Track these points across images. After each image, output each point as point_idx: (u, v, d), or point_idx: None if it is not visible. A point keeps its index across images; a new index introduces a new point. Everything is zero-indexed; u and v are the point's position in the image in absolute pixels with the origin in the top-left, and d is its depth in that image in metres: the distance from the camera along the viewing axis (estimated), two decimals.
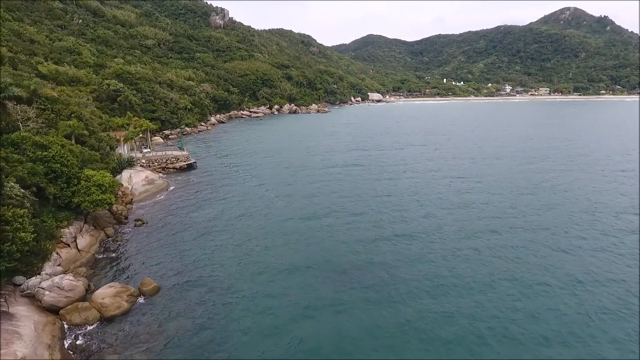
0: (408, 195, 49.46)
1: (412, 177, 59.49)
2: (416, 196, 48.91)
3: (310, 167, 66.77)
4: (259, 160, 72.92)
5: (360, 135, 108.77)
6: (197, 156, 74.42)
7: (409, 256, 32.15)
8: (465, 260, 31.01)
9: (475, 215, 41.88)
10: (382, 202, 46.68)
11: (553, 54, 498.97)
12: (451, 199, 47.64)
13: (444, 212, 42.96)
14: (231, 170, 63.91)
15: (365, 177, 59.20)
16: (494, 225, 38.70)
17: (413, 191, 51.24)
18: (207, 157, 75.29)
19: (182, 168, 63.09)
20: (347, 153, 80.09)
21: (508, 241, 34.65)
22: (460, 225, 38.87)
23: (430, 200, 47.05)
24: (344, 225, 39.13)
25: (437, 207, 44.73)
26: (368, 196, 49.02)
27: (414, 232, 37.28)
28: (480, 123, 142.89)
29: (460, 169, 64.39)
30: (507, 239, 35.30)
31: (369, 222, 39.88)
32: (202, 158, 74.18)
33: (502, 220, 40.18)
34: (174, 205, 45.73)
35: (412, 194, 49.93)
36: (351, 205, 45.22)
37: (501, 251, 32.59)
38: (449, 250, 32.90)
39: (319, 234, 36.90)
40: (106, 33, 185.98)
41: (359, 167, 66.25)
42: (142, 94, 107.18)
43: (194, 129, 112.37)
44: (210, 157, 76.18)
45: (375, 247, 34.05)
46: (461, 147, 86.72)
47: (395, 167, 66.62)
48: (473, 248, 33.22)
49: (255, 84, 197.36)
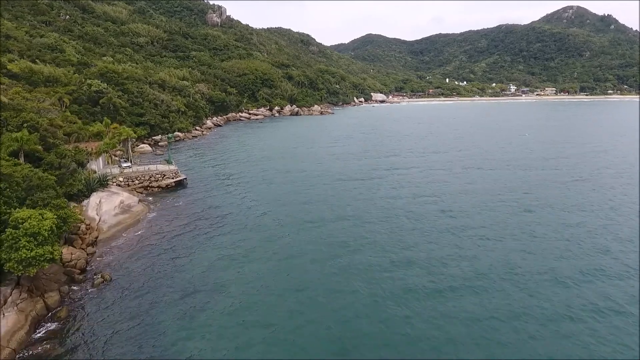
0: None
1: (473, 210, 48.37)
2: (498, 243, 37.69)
3: (327, 189, 55.58)
4: (262, 175, 61.72)
5: (380, 146, 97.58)
6: (188, 169, 63.18)
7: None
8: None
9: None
10: (435, 248, 35.65)
11: (557, 53, 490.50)
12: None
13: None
14: (228, 190, 52.70)
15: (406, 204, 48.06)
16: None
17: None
18: (200, 170, 64.00)
19: (169, 187, 51.83)
20: (372, 171, 68.96)
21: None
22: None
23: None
24: (388, 282, 28.12)
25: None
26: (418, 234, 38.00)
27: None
28: (510, 133, 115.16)
29: (525, 193, 53.42)
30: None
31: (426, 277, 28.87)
32: (194, 171, 62.93)
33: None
34: (153, 245, 34.48)
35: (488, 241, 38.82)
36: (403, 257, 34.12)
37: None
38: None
39: (356, 307, 25.74)
40: (95, 30, 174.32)
41: (392, 192, 55.13)
42: (129, 95, 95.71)
43: (187, 134, 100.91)
44: (204, 169, 64.87)
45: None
46: (508, 165, 68.88)
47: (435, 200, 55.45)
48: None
49: (255, 84, 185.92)
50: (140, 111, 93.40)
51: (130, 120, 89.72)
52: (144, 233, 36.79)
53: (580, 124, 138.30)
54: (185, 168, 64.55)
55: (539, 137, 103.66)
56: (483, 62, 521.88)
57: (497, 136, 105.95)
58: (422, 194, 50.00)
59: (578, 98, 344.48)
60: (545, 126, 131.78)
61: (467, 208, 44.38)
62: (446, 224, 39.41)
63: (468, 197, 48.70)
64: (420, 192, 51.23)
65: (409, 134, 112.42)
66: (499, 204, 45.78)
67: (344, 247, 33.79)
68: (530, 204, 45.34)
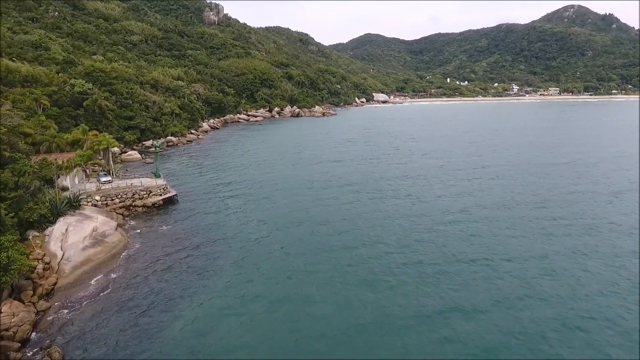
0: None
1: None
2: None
3: (338, 205, 47.71)
4: (263, 187, 53.81)
5: (388, 150, 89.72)
6: (180, 182, 55.16)
7: None
8: None
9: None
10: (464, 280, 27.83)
11: (558, 52, 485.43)
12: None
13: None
14: (226, 207, 44.77)
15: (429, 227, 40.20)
16: None
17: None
18: (193, 182, 55.96)
19: (156, 205, 43.80)
20: (383, 181, 61.09)
21: None
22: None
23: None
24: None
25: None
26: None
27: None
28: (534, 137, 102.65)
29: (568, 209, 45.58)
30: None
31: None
32: (186, 183, 54.91)
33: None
34: (129, 297, 26.39)
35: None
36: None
37: None
38: None
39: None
40: (86, 27, 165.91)
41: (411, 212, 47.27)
42: (118, 96, 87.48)
43: (181, 139, 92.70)
44: (198, 181, 56.83)
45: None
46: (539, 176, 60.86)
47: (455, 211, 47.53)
48: None
49: (254, 84, 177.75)
50: (130, 114, 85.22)
51: (118, 124, 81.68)
52: (118, 277, 28.62)
53: (609, 127, 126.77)
54: (177, 180, 56.57)
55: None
56: (484, 62, 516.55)
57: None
58: (451, 210, 42.26)
59: (583, 98, 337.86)
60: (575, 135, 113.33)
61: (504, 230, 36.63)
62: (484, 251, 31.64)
63: (503, 214, 40.96)
64: (447, 206, 43.47)
65: (423, 138, 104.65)
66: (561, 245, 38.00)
67: (374, 293, 26.01)
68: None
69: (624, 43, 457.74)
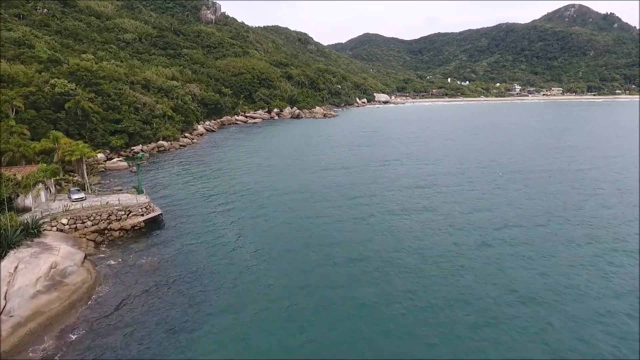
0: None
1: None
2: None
3: (344, 219, 41.05)
4: (262, 204, 47.04)
5: (406, 160, 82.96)
6: (167, 196, 48.24)
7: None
8: None
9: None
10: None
11: (560, 52, 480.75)
12: None
13: None
14: (219, 229, 38.04)
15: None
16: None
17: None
18: (183, 196, 49.04)
19: (137, 228, 36.92)
20: (398, 191, 54.42)
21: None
22: None
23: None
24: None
25: None
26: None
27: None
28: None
29: None
30: None
31: None
32: (175, 197, 48.02)
33: None
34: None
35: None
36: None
37: None
38: None
39: None
40: (76, 25, 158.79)
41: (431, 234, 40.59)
42: (104, 97, 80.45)
43: (173, 143, 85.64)
44: (188, 194, 49.91)
45: None
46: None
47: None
48: None
49: (252, 84, 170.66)
50: (117, 117, 78.15)
51: (104, 128, 74.66)
52: (76, 340, 21.57)
53: (629, 128, 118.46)
54: (165, 192, 49.68)
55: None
56: (484, 62, 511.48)
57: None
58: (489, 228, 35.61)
59: (587, 98, 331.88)
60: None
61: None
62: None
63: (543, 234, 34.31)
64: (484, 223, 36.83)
65: (435, 142, 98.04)
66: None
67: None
68: None
69: (626, 43, 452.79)
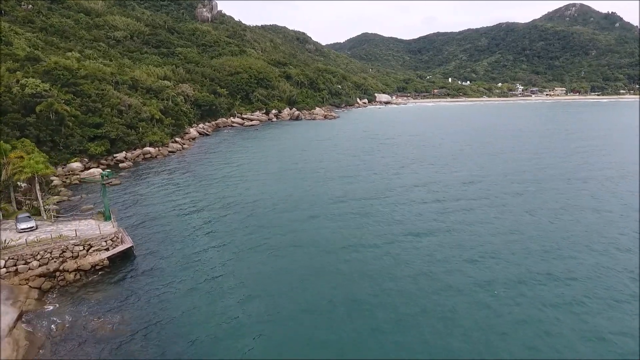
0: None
1: None
2: None
3: (351, 249, 33.36)
4: (255, 222, 39.35)
5: (422, 170, 75.16)
6: (143, 219, 40.29)
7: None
8: None
9: None
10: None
11: (561, 51, 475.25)
12: None
13: None
14: (202, 264, 30.28)
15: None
16: None
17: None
18: (163, 218, 41.09)
19: (99, 267, 29.03)
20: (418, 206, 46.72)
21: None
22: None
23: None
24: None
25: None
26: None
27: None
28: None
29: None
30: None
31: None
32: (153, 220, 40.08)
33: None
34: None
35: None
36: None
37: None
38: None
39: None
40: (63, 22, 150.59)
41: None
42: (84, 99, 72.43)
43: (161, 150, 77.53)
44: (172, 214, 42.03)
45: None
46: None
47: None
48: None
49: (249, 84, 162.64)
50: (98, 120, 70.09)
51: (82, 134, 66.64)
52: None
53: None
54: (141, 214, 41.73)
55: None
56: (485, 61, 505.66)
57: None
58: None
59: (592, 98, 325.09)
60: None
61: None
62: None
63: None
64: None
65: (447, 147, 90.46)
66: None
67: None
68: None
69: (628, 42, 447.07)
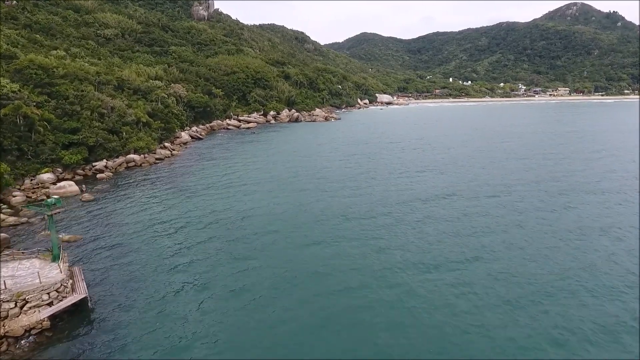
0: None
1: None
2: None
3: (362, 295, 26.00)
4: (245, 254, 31.93)
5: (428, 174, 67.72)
6: (110, 249, 32.75)
7: None
8: None
9: None
10: None
11: (563, 51, 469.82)
12: None
13: None
14: (176, 319, 22.81)
15: None
16: None
17: None
18: (134, 247, 33.56)
19: (36, 331, 21.56)
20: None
21: None
22: None
23: None
24: None
25: None
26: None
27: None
28: None
29: None
30: None
31: None
32: (120, 252, 32.61)
33: None
34: None
35: None
36: None
37: None
38: None
39: None
40: (50, 19, 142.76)
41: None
42: (60, 101, 64.84)
43: (147, 157, 69.76)
44: (145, 244, 34.45)
45: None
46: None
47: None
48: None
49: (246, 84, 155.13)
50: (74, 125, 62.46)
51: (55, 140, 58.98)
52: None
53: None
54: (109, 243, 34.14)
55: None
56: (485, 61, 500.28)
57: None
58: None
59: (597, 99, 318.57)
60: None
61: None
62: None
63: None
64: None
65: (462, 154, 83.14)
66: None
67: None
68: None
69: (631, 41, 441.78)
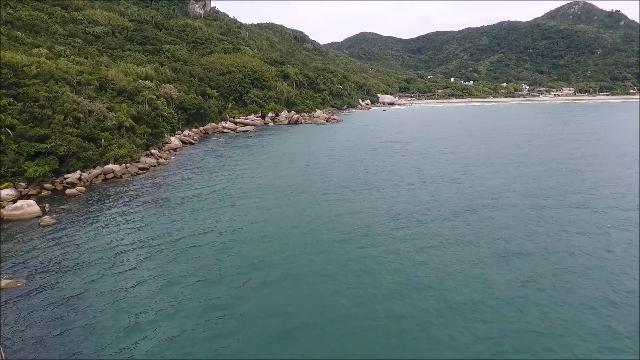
0: None
1: None
2: None
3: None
4: (232, 294, 24.06)
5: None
6: (59, 297, 24.94)
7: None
8: None
9: None
10: None
11: (565, 50, 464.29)
12: None
13: None
14: None
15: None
16: None
17: None
18: (90, 291, 25.88)
19: None
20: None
21: None
22: None
23: None
24: None
25: None
26: None
27: None
28: None
29: None
30: None
31: None
32: (71, 299, 24.91)
33: None
34: None
35: None
36: None
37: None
38: None
39: None
40: (34, 15, 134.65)
41: None
42: (28, 104, 56.91)
43: (129, 167, 61.72)
44: (106, 286, 26.73)
45: None
46: None
47: None
48: None
49: (242, 84, 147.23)
50: (43, 132, 54.46)
51: (19, 149, 50.94)
52: None
53: None
54: (59, 289, 26.23)
55: None
56: (487, 61, 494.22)
57: None
58: None
59: (603, 99, 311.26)
60: None
61: None
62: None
63: None
64: None
65: (480, 163, 75.38)
66: None
67: None
68: None
69: (634, 40, 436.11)
